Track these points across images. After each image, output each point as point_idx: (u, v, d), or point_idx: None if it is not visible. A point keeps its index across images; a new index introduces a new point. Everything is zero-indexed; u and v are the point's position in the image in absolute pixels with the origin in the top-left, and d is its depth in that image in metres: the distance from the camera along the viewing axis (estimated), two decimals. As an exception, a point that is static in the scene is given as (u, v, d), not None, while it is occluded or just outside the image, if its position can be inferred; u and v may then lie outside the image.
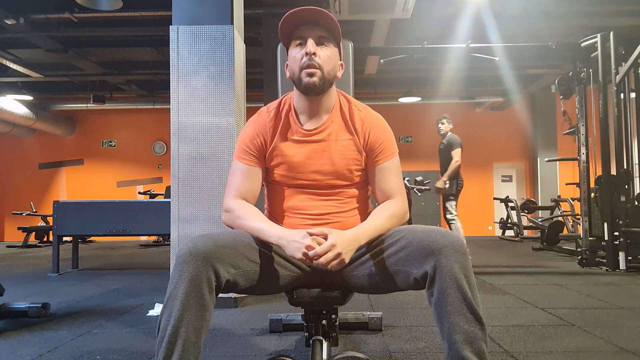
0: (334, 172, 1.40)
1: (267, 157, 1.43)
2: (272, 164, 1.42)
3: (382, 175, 1.41)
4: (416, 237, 1.21)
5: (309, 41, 1.33)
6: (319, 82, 1.34)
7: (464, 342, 1.10)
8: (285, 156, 1.41)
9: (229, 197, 1.39)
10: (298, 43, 1.36)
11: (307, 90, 1.35)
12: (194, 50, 3.00)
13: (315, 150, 1.40)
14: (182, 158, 2.97)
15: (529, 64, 7.73)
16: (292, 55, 1.38)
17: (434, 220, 9.93)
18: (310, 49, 1.32)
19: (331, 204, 1.40)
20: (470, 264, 1.17)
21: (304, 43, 1.34)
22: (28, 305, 2.71)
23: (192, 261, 1.13)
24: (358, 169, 1.42)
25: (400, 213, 1.38)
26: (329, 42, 1.37)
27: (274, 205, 1.46)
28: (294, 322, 2.28)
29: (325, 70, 1.34)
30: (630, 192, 4.52)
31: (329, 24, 1.36)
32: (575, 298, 3.16)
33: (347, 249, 1.21)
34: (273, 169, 1.43)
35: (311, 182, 1.40)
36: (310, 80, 1.33)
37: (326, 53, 1.35)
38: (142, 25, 6.15)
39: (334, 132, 1.42)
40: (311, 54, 1.32)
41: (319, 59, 1.33)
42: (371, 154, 1.42)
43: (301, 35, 1.36)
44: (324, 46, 1.35)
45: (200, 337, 1.13)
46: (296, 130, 1.42)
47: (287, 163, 1.40)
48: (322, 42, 1.35)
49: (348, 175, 1.41)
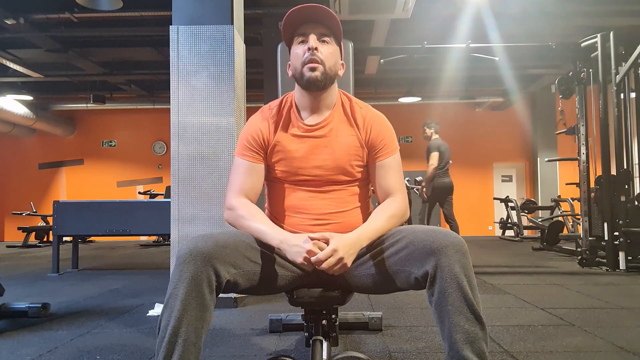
0: (336, 167, 1.40)
1: (268, 153, 1.43)
2: (274, 160, 1.42)
3: (383, 172, 1.41)
4: (417, 237, 1.21)
5: (310, 37, 1.35)
6: (321, 76, 1.34)
7: (464, 342, 1.10)
8: (286, 151, 1.41)
9: (232, 194, 1.39)
10: (300, 40, 1.37)
11: (309, 84, 1.35)
12: (194, 50, 3.00)
13: (317, 145, 1.40)
14: (182, 158, 2.97)
15: (529, 64, 7.73)
16: (294, 52, 1.39)
17: (433, 220, 9.91)
18: (312, 44, 1.33)
19: (332, 203, 1.40)
20: (471, 264, 1.17)
21: (306, 40, 1.36)
22: (28, 305, 2.71)
23: (192, 261, 1.13)
24: (359, 165, 1.42)
25: (401, 212, 1.38)
26: (330, 39, 1.38)
27: (274, 205, 1.46)
28: (294, 322, 2.28)
29: (327, 66, 1.35)
30: (630, 192, 4.52)
31: (330, 21, 1.37)
32: (575, 298, 3.16)
33: (348, 253, 1.21)
34: (274, 165, 1.42)
35: (313, 177, 1.40)
36: (312, 75, 1.33)
37: (328, 49, 1.37)
38: (142, 25, 6.15)
39: (336, 127, 1.42)
40: (313, 49, 1.33)
41: (321, 54, 1.34)
42: (372, 150, 1.42)
43: (303, 32, 1.37)
44: (325, 43, 1.37)
45: (201, 337, 1.13)
46: (298, 126, 1.42)
47: (288, 158, 1.40)
48: (324, 39, 1.37)
49: (350, 171, 1.41)
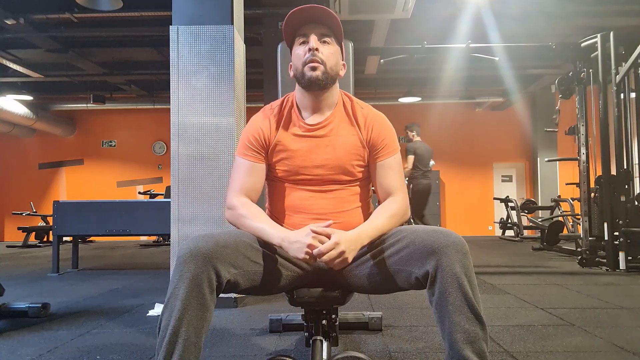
0: (337, 166, 1.40)
1: (269, 152, 1.43)
2: (275, 159, 1.42)
3: (384, 172, 1.42)
4: (418, 236, 1.21)
5: (311, 37, 1.36)
6: (322, 75, 1.35)
7: (464, 342, 1.10)
8: (288, 151, 1.41)
9: (232, 194, 1.40)
10: (302, 41, 1.38)
11: (310, 84, 1.36)
12: (194, 50, 3.00)
13: (318, 145, 1.40)
14: (182, 158, 2.97)
15: (529, 64, 7.72)
16: (295, 53, 1.40)
17: (434, 220, 9.92)
18: (313, 44, 1.34)
19: (333, 203, 1.40)
20: (471, 263, 1.17)
21: (307, 40, 1.37)
22: (28, 305, 2.71)
23: (192, 261, 1.13)
24: (360, 165, 1.43)
25: (401, 212, 1.38)
26: (331, 40, 1.39)
27: (275, 204, 1.46)
28: (294, 322, 2.28)
29: (328, 66, 1.36)
30: (630, 192, 4.52)
31: (331, 21, 1.38)
32: (575, 298, 3.16)
33: (350, 248, 1.22)
34: (275, 164, 1.43)
35: (314, 177, 1.40)
36: (313, 74, 1.34)
37: (329, 50, 1.38)
38: (142, 25, 6.14)
39: (337, 127, 1.42)
40: (314, 49, 1.34)
41: (321, 54, 1.35)
42: (373, 150, 1.43)
43: (304, 33, 1.38)
44: (326, 43, 1.38)
45: (201, 337, 1.13)
46: (299, 125, 1.42)
47: (290, 158, 1.40)
48: (325, 40, 1.38)
49: (350, 170, 1.41)
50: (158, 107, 9.86)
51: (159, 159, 10.77)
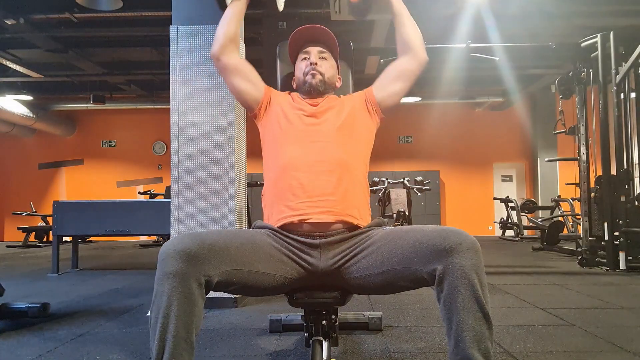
0: (341, 126, 1.51)
1: (270, 105, 1.58)
2: (273, 115, 1.56)
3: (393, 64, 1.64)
4: (426, 235, 1.22)
5: (312, 54, 1.59)
6: (320, 82, 1.56)
7: (471, 340, 1.10)
8: (285, 115, 1.54)
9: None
10: (303, 57, 1.62)
11: (310, 89, 1.56)
12: (194, 50, 3.00)
13: (317, 118, 1.53)
14: (182, 158, 2.97)
15: (529, 64, 7.71)
16: (298, 67, 1.62)
17: (434, 220, 9.93)
18: (313, 59, 1.58)
19: (329, 179, 1.40)
20: (482, 262, 1.17)
21: (309, 57, 1.60)
22: (28, 305, 2.70)
23: (176, 257, 1.14)
24: (363, 123, 1.57)
25: (420, 39, 1.69)
26: (328, 56, 1.63)
27: (271, 167, 1.51)
28: (294, 322, 2.28)
29: (326, 76, 1.58)
30: (630, 192, 4.52)
31: (329, 41, 1.62)
32: (575, 298, 3.16)
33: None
34: (273, 122, 1.55)
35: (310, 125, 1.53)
36: (313, 80, 1.56)
37: (327, 64, 1.61)
38: (142, 25, 6.14)
39: (336, 108, 1.57)
40: (314, 63, 1.57)
41: (320, 67, 1.58)
42: (375, 89, 1.62)
43: (306, 50, 1.62)
44: (324, 59, 1.61)
45: (191, 333, 1.13)
46: (302, 105, 1.58)
47: (287, 121, 1.53)
48: (323, 56, 1.61)
49: (350, 131, 1.53)
50: (158, 107, 9.86)
51: (159, 159, 10.77)
